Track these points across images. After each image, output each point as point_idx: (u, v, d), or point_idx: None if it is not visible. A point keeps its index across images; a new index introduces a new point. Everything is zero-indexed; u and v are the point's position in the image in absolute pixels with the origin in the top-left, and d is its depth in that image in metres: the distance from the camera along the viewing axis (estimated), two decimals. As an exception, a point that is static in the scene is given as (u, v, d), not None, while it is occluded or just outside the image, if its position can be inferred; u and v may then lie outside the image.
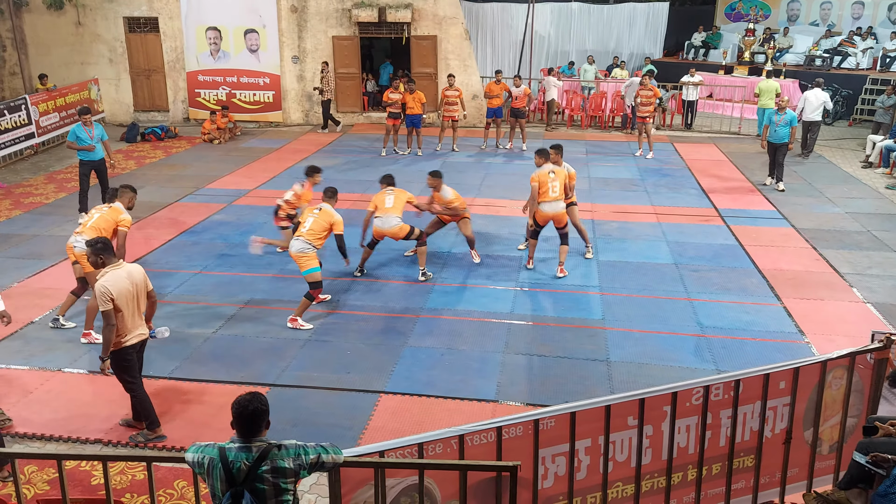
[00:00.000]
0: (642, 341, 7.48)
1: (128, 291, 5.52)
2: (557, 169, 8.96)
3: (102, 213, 7.52)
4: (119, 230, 7.48)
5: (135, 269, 5.68)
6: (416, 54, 18.13)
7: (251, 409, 3.42)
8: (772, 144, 12.88)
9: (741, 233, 10.62)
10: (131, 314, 5.58)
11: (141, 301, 5.68)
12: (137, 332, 5.67)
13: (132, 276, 5.59)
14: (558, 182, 8.84)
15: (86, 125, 10.90)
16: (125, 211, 7.60)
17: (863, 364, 4.76)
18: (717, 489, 4.61)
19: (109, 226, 7.43)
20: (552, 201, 8.82)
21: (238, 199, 12.43)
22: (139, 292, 5.63)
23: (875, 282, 8.91)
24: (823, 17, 23.01)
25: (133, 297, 5.57)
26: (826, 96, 14.73)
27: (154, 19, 18.18)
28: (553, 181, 8.79)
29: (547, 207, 8.84)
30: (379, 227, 8.90)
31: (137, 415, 5.93)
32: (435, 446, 3.79)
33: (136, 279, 5.62)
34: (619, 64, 20.41)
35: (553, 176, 8.81)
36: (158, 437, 5.86)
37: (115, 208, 7.56)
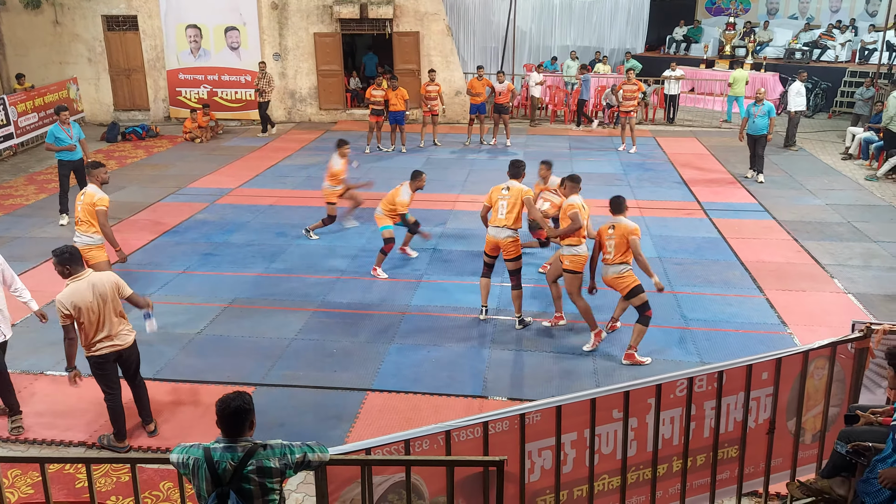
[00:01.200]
0: (627, 335, 7.51)
1: (90, 303, 5.30)
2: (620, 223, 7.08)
3: (80, 203, 7.46)
4: (97, 211, 7.36)
5: (101, 279, 5.41)
6: (398, 51, 18.09)
7: (233, 406, 3.40)
8: (751, 136, 12.97)
9: (723, 226, 10.70)
10: (98, 325, 5.38)
11: (111, 309, 5.42)
12: (111, 342, 5.48)
13: (97, 287, 5.35)
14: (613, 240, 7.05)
15: (63, 124, 10.72)
16: (99, 190, 7.48)
17: (844, 354, 4.82)
18: (703, 480, 4.65)
19: (91, 212, 7.37)
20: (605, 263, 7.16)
21: (221, 198, 12.35)
22: (108, 301, 5.38)
23: (855, 272, 9.01)
24: (802, 11, 23.21)
25: (97, 308, 5.34)
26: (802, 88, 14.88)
27: (133, 17, 18.00)
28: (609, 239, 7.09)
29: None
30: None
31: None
32: (421, 443, 3.79)
33: (103, 289, 5.36)
34: (602, 59, 20.48)
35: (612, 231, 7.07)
36: (119, 448, 5.75)
37: (88, 192, 7.47)
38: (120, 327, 5.54)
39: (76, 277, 5.41)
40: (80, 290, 5.35)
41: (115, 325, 5.50)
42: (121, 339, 5.56)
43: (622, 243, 6.88)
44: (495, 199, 7.44)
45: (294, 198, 12.26)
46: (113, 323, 5.47)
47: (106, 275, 5.56)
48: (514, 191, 7.36)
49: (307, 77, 18.31)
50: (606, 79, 18.83)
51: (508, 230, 7.35)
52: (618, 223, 7.00)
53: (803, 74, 14.96)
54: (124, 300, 5.55)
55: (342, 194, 10.35)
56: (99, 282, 5.43)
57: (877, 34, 19.83)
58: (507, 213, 7.31)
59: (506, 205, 7.33)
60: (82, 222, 7.40)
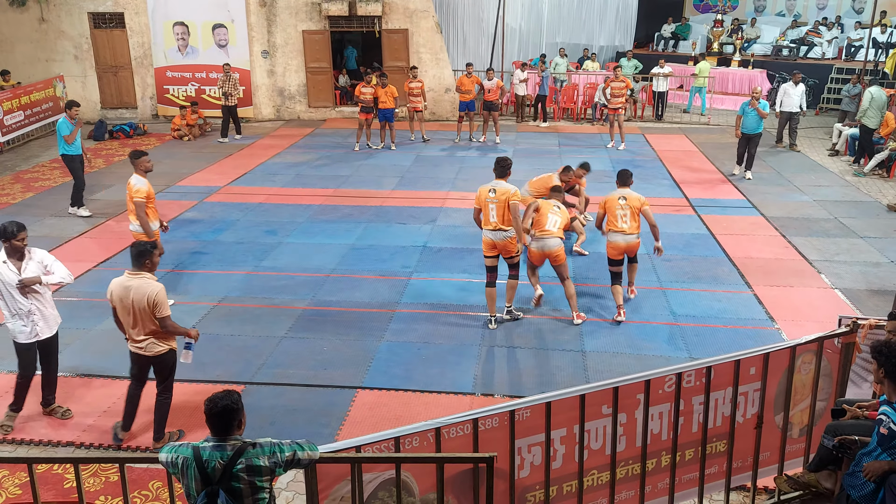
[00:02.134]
0: (616, 331, 7.55)
1: (120, 300, 5.35)
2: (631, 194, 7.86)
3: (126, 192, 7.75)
4: (136, 202, 7.61)
5: (142, 289, 5.29)
6: (387, 48, 18.06)
7: (221, 406, 3.39)
8: (745, 135, 12.86)
9: (712, 222, 10.76)
10: (130, 325, 5.43)
11: (142, 319, 5.37)
12: (135, 345, 5.49)
13: (133, 291, 5.30)
14: (628, 210, 7.74)
15: (71, 119, 10.98)
16: (140, 180, 7.67)
17: (831, 348, 4.86)
18: (691, 474, 4.68)
19: (132, 202, 7.66)
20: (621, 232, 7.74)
21: (209, 196, 12.30)
22: (135, 309, 5.33)
23: (842, 268, 9.08)
24: (789, 8, 23.34)
25: (126, 309, 5.36)
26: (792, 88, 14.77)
27: (120, 14, 17.89)
28: (620, 209, 7.74)
29: (618, 238, 7.75)
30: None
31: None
32: (412, 440, 3.80)
33: (136, 296, 5.30)
34: (590, 56, 20.51)
35: (623, 203, 7.76)
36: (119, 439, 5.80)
37: (129, 184, 7.76)
38: (139, 336, 5.45)
39: (128, 273, 5.39)
40: (118, 284, 5.40)
41: (135, 332, 5.44)
42: (138, 346, 5.51)
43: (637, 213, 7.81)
44: (484, 202, 7.38)
45: (283, 196, 12.23)
46: (135, 329, 5.42)
47: (150, 287, 5.33)
48: (499, 192, 7.29)
49: (296, 74, 18.25)
50: (595, 76, 18.88)
51: (503, 232, 7.33)
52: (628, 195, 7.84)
53: (797, 76, 14.68)
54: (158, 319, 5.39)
55: None
56: (139, 288, 5.32)
57: (863, 31, 19.97)
58: (499, 216, 7.28)
59: (495, 208, 7.29)
60: (130, 210, 7.77)
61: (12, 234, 5.61)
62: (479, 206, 7.44)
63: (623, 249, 7.76)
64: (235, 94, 16.20)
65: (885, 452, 3.85)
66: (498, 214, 7.27)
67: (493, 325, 7.65)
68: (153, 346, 5.49)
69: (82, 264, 9.32)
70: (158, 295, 5.30)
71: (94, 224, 10.88)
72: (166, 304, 5.36)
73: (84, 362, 6.99)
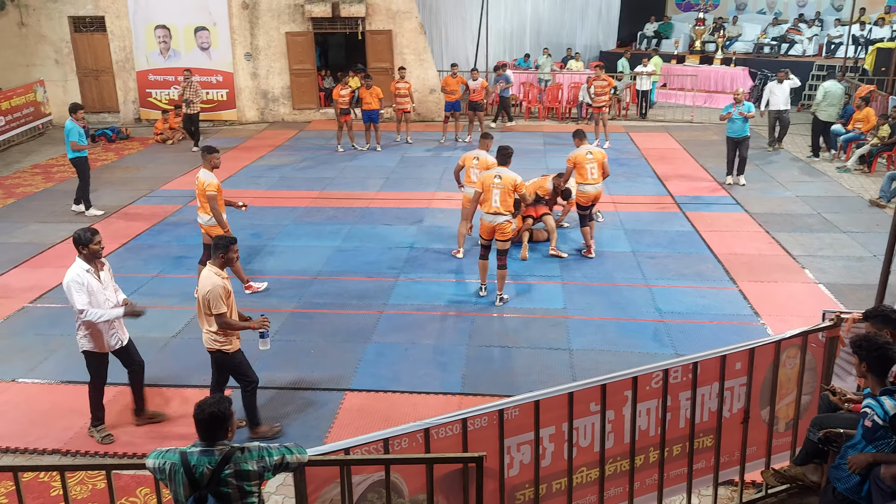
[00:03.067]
0: (603, 328, 7.59)
1: (200, 290, 5.42)
2: (595, 150, 9.31)
3: (196, 186, 7.97)
4: (208, 196, 7.83)
5: (203, 283, 5.37)
6: (371, 49, 18.04)
7: (207, 412, 3.38)
8: (732, 140, 12.31)
9: (696, 219, 10.83)
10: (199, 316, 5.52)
11: (201, 310, 5.45)
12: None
13: (205, 280, 5.40)
14: (596, 165, 9.13)
15: (79, 121, 11.05)
16: (210, 175, 7.92)
17: (815, 343, 4.91)
18: (679, 469, 4.71)
19: (203, 196, 7.86)
20: (593, 183, 9.12)
21: (194, 199, 12.19)
22: (201, 301, 5.41)
23: (826, 263, 9.17)
24: (770, 6, 23.56)
25: (197, 300, 5.47)
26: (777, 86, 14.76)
27: (101, 18, 17.75)
28: (591, 162, 9.09)
29: (590, 188, 9.11)
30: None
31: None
32: (400, 441, 3.79)
33: (199, 289, 5.44)
34: (574, 55, 20.59)
35: (591, 157, 9.13)
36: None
37: (200, 178, 7.96)
38: (203, 326, 5.54)
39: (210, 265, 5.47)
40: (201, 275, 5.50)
41: (203, 325, 5.53)
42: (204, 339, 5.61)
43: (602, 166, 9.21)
44: (489, 187, 7.84)
45: (268, 198, 12.18)
46: (201, 322, 5.53)
47: (209, 282, 5.35)
48: (506, 179, 7.82)
49: (279, 77, 18.19)
50: (579, 75, 18.95)
51: (503, 216, 7.83)
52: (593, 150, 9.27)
53: (782, 74, 14.48)
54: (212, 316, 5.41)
55: None
56: (200, 283, 5.44)
57: (842, 28, 20.18)
58: (501, 200, 7.80)
59: (499, 193, 7.80)
60: (201, 204, 7.97)
61: (89, 240, 5.63)
62: (481, 189, 7.92)
63: (593, 197, 9.15)
64: (197, 101, 15.38)
65: (869, 445, 3.90)
66: (501, 199, 7.80)
67: (483, 293, 8.30)
68: (208, 340, 5.54)
69: (66, 270, 9.21)
70: (211, 292, 5.32)
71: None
72: (220, 301, 5.36)
73: (70, 369, 6.93)
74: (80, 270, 5.58)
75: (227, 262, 5.50)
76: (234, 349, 5.62)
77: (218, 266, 5.43)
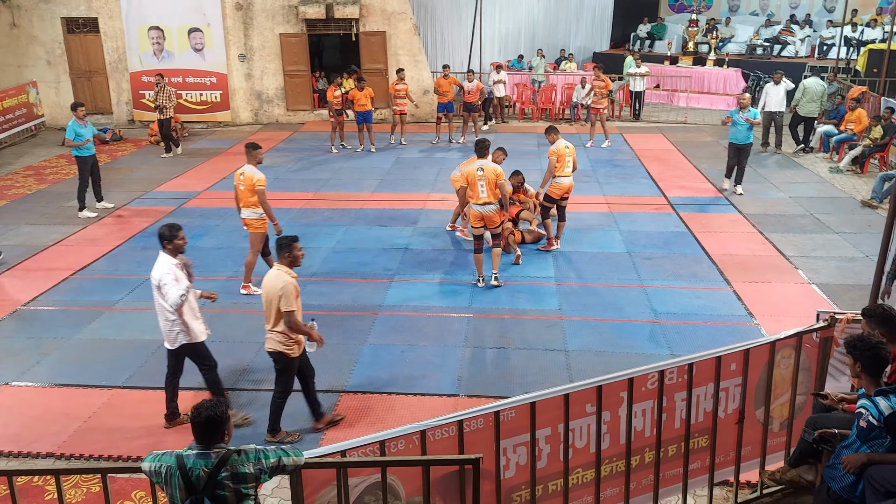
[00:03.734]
0: (599, 329, 7.60)
1: (266, 290, 5.47)
2: (569, 144, 9.57)
3: (241, 181, 8.11)
4: (257, 190, 8.02)
5: (273, 280, 5.41)
6: (365, 51, 18.03)
7: (204, 416, 3.37)
8: (734, 146, 11.83)
9: (690, 220, 10.86)
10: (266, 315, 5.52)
11: (271, 309, 5.45)
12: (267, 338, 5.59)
13: (267, 283, 5.46)
14: (572, 157, 9.47)
15: (80, 120, 11.03)
16: (256, 170, 8.11)
17: (809, 343, 4.92)
18: (675, 470, 4.72)
19: (251, 191, 8.02)
20: (568, 175, 9.48)
21: (188, 201, 12.20)
22: (269, 302, 5.44)
23: (819, 263, 9.21)
24: (763, 7, 23.65)
25: (263, 300, 5.49)
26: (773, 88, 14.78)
27: (94, 19, 17.68)
28: (569, 156, 9.41)
29: (565, 181, 9.44)
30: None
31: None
32: (397, 443, 3.79)
33: (267, 288, 5.44)
34: (567, 57, 20.62)
35: (568, 150, 9.42)
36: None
37: (247, 174, 8.09)
38: (269, 327, 5.54)
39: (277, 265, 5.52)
40: (267, 275, 5.55)
41: (267, 322, 5.53)
42: (267, 340, 5.60)
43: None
44: (473, 181, 8.28)
45: (263, 200, 12.13)
46: (269, 321, 5.52)
47: (280, 280, 5.40)
48: (487, 171, 8.26)
49: (273, 78, 18.16)
50: (573, 77, 18.98)
51: (490, 205, 8.28)
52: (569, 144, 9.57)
53: (778, 75, 14.54)
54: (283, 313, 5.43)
55: None
56: (270, 281, 5.46)
57: (834, 29, 20.27)
58: (488, 191, 8.24)
59: (485, 184, 8.23)
60: (246, 200, 8.12)
61: (174, 235, 5.72)
62: (465, 184, 8.38)
63: (567, 189, 9.52)
64: (171, 106, 14.99)
65: (864, 445, 3.91)
66: (488, 190, 8.23)
67: (481, 284, 8.57)
68: (271, 342, 5.54)
69: (59, 273, 9.20)
70: (284, 289, 5.34)
71: (69, 232, 10.74)
72: (292, 299, 5.37)
73: (62, 372, 6.90)
74: (169, 265, 5.66)
75: (294, 261, 5.52)
76: (296, 355, 5.62)
77: (286, 265, 5.47)
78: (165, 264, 5.64)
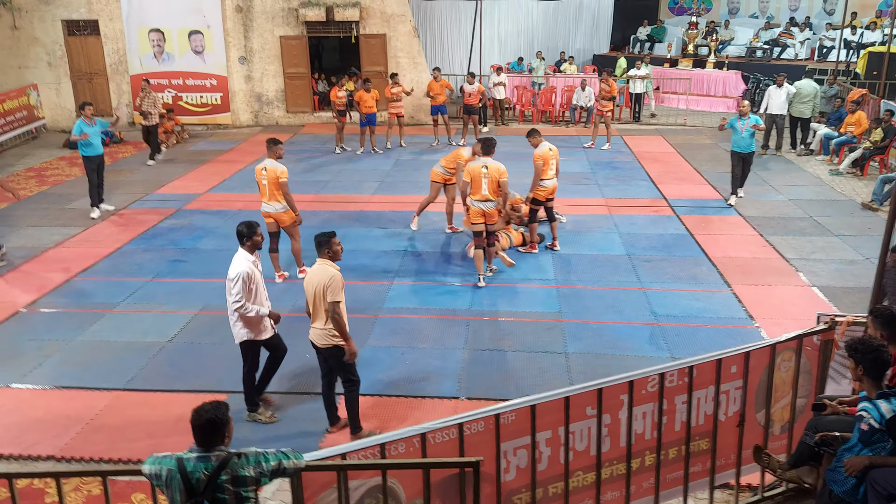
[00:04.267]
0: (599, 332, 7.60)
1: (307, 287, 5.54)
2: (552, 146, 9.55)
3: (264, 176, 8.36)
4: (281, 182, 8.35)
5: (319, 274, 5.46)
6: (365, 53, 18.04)
7: (205, 419, 3.37)
8: (737, 154, 11.51)
9: (691, 222, 10.86)
10: (310, 311, 5.59)
11: (316, 304, 5.51)
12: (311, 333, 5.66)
13: (313, 276, 5.51)
14: (555, 160, 9.48)
15: (87, 119, 11.16)
16: (278, 164, 8.40)
17: (810, 346, 4.92)
18: (676, 473, 4.71)
19: (276, 184, 8.34)
20: (551, 178, 9.49)
21: (188, 203, 12.20)
22: (315, 295, 5.49)
23: (819, 266, 9.21)
24: (762, 10, 23.67)
25: (309, 296, 5.55)
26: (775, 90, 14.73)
27: (94, 22, 17.69)
28: (552, 159, 9.42)
29: (548, 183, 9.44)
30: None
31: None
32: (397, 446, 3.79)
33: (314, 282, 5.48)
34: (567, 59, 20.64)
35: (551, 153, 9.42)
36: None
37: (270, 168, 8.36)
38: (317, 323, 5.56)
39: (319, 260, 5.56)
40: (309, 272, 5.63)
41: (317, 319, 5.57)
42: (314, 335, 5.63)
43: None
44: (477, 176, 8.47)
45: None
46: (317, 317, 5.55)
47: (325, 272, 5.46)
48: (492, 169, 8.47)
49: (273, 80, 18.18)
50: (573, 79, 18.99)
51: (491, 202, 8.52)
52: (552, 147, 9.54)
53: (780, 78, 14.49)
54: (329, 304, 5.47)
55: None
56: (316, 275, 5.50)
57: (834, 32, 20.28)
58: (490, 189, 8.47)
59: (487, 182, 8.45)
60: (271, 193, 8.41)
61: (253, 231, 5.84)
62: (469, 179, 8.57)
63: (552, 190, 9.54)
64: (156, 112, 14.65)
65: (865, 448, 3.91)
66: (489, 188, 8.45)
67: (482, 284, 8.68)
68: (324, 336, 5.56)
69: (60, 275, 9.20)
70: (333, 279, 5.42)
71: (71, 234, 10.74)
72: (339, 290, 5.44)
73: (64, 375, 6.90)
74: (248, 263, 5.77)
75: (335, 255, 5.57)
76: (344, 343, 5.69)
77: (329, 259, 5.53)
78: (244, 262, 5.78)
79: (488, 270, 8.96)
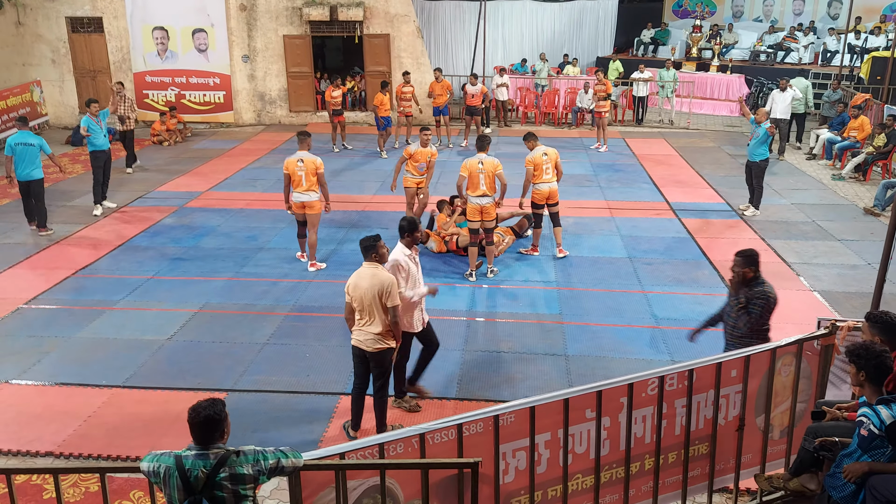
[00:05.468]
0: (599, 335, 7.58)
1: (354, 290, 5.47)
2: (549, 150, 9.41)
3: (301, 167, 8.78)
4: (319, 173, 8.83)
5: (373, 276, 5.41)
6: (368, 53, 18.05)
7: (203, 416, 3.37)
8: (747, 161, 11.25)
9: (692, 225, 10.85)
10: (359, 313, 5.52)
11: (366, 310, 5.46)
12: (355, 337, 5.61)
13: (366, 281, 5.42)
14: (551, 164, 9.33)
15: (93, 116, 11.34)
16: (312, 155, 8.92)
17: (810, 350, 4.91)
18: (675, 477, 4.70)
19: (314, 174, 8.80)
20: (547, 182, 9.30)
21: (190, 201, 12.20)
22: (366, 301, 5.42)
23: (820, 270, 9.19)
24: (766, 14, 23.64)
25: (359, 301, 5.45)
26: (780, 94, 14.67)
27: (98, 19, 17.71)
28: (546, 163, 9.29)
29: (544, 186, 9.30)
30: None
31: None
32: (396, 446, 3.78)
33: (368, 287, 5.39)
34: (571, 61, 20.63)
35: (546, 157, 9.30)
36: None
37: (307, 159, 8.83)
38: (368, 327, 5.51)
39: (368, 264, 5.52)
40: (355, 276, 5.55)
41: (368, 322, 5.50)
42: (365, 339, 5.57)
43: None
44: (474, 172, 8.62)
45: (264, 201, 12.16)
46: (371, 321, 5.49)
47: (382, 277, 5.43)
48: (487, 164, 8.63)
49: (277, 79, 18.19)
50: (576, 81, 18.99)
51: (488, 197, 8.69)
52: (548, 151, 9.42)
53: (784, 82, 14.46)
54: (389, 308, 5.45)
55: None
56: (371, 280, 5.44)
57: (838, 36, 20.25)
58: (487, 184, 8.63)
59: (484, 177, 8.61)
60: (308, 183, 8.79)
61: (414, 227, 6.02)
62: (465, 175, 8.69)
63: (547, 195, 9.31)
64: (133, 116, 14.07)
65: (865, 454, 3.90)
66: (486, 183, 8.61)
67: (472, 278, 8.88)
68: (372, 342, 5.53)
69: (60, 272, 9.20)
70: (392, 285, 5.42)
71: (70, 232, 10.75)
72: (396, 294, 5.44)
73: (63, 371, 6.90)
74: (403, 256, 5.90)
75: (381, 258, 5.57)
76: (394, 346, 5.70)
77: (377, 262, 5.52)
78: (399, 253, 5.90)
79: (489, 272, 8.95)
